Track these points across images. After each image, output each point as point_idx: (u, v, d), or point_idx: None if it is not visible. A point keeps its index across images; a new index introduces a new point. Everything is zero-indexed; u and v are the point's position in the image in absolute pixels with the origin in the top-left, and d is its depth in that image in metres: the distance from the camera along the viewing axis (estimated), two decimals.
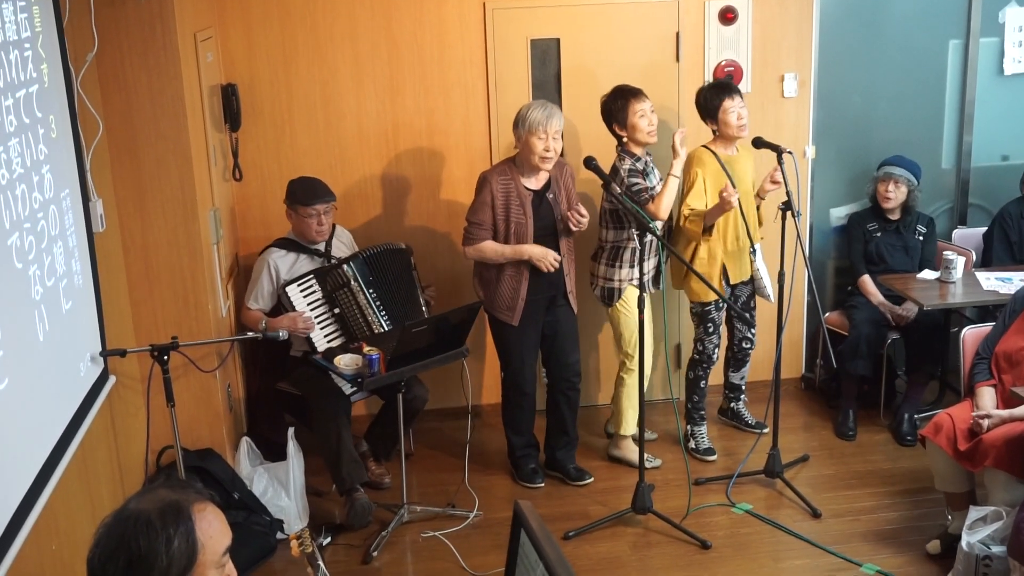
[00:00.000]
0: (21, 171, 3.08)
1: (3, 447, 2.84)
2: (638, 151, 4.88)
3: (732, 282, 5.11)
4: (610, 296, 4.98)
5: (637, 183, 4.79)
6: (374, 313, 4.80)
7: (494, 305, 4.79)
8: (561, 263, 4.77)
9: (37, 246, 3.19)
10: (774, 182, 4.86)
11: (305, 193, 4.78)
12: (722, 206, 4.67)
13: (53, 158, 3.40)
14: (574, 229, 4.72)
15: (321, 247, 4.87)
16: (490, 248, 4.68)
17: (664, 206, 4.75)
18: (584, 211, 4.69)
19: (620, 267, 4.93)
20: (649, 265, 4.96)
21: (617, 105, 4.83)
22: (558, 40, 5.42)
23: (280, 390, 4.96)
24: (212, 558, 1.88)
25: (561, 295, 4.85)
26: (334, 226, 4.95)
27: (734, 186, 4.88)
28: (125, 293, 4.31)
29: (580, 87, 5.45)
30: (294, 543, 2.62)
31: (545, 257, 4.66)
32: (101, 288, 3.88)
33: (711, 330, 5.17)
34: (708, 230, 4.90)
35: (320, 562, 2.56)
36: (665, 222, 4.95)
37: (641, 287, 4.47)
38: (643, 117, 4.80)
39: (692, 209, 4.89)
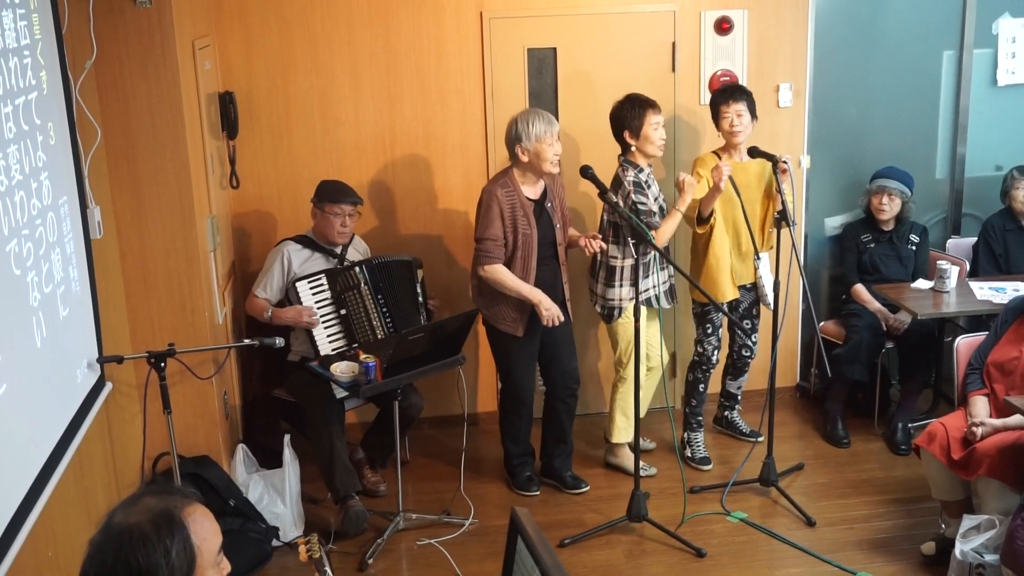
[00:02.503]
0: (20, 178, 3.09)
1: (0, 453, 2.84)
2: (641, 162, 4.88)
3: (736, 284, 5.14)
4: (610, 315, 4.97)
5: (643, 202, 4.79)
6: (379, 319, 4.84)
7: (498, 318, 4.79)
8: (560, 272, 4.81)
9: (35, 252, 3.20)
10: (783, 171, 4.70)
11: (334, 191, 4.83)
12: (715, 186, 4.72)
13: (51, 165, 3.41)
14: (589, 254, 4.78)
15: (337, 250, 4.89)
16: (509, 279, 4.65)
17: (664, 237, 4.78)
18: (598, 237, 4.76)
19: (621, 286, 4.90)
20: (661, 278, 4.98)
21: (633, 113, 4.80)
22: (555, 49, 5.44)
23: (276, 397, 4.97)
24: (209, 559, 1.88)
25: (560, 304, 4.86)
26: (352, 235, 4.98)
27: (738, 194, 4.91)
28: (122, 300, 4.32)
29: (577, 96, 5.47)
30: (302, 548, 2.62)
31: (551, 313, 4.66)
32: (98, 295, 3.88)
33: (710, 331, 5.18)
34: (703, 222, 4.93)
35: (327, 568, 2.56)
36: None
37: (648, 303, 4.45)
38: (656, 129, 4.80)
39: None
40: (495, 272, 4.67)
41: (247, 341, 4.46)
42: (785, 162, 4.65)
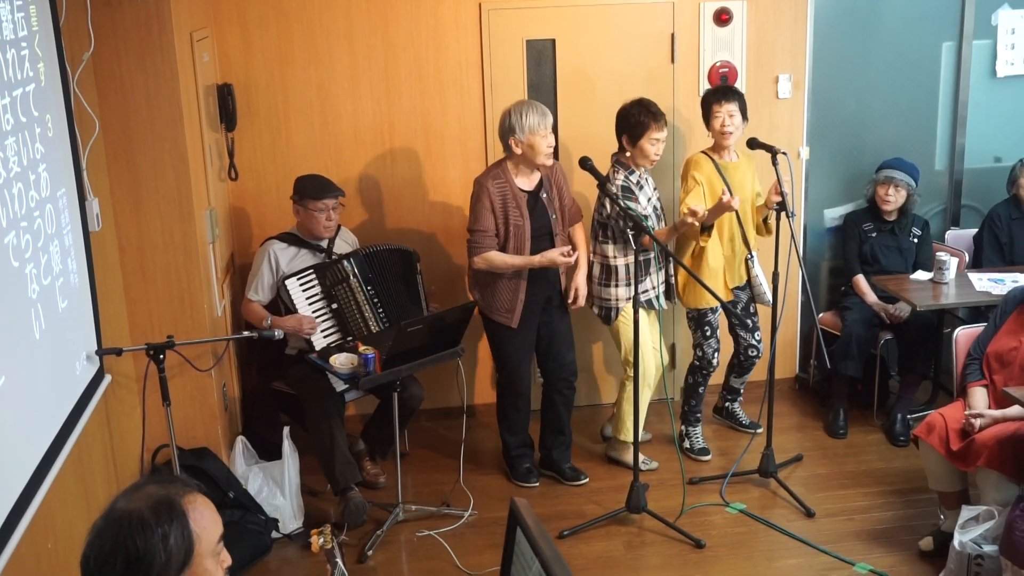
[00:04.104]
0: (18, 170, 3.09)
1: None
2: (634, 164, 4.86)
3: (731, 287, 5.12)
4: (607, 316, 4.96)
5: (630, 208, 4.68)
6: (371, 310, 4.83)
7: (492, 308, 4.79)
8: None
9: (33, 244, 3.20)
10: (778, 193, 4.66)
11: (316, 188, 4.80)
12: (720, 208, 4.65)
13: (49, 157, 3.41)
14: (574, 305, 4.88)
15: (324, 244, 4.88)
16: (500, 259, 4.66)
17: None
18: (582, 290, 4.86)
19: (616, 286, 4.90)
20: (658, 279, 4.96)
21: (637, 121, 4.75)
22: (553, 41, 5.43)
23: (275, 389, 4.97)
24: (208, 548, 1.88)
25: (556, 294, 4.86)
26: (339, 226, 4.97)
27: (731, 192, 4.90)
28: (121, 292, 4.32)
29: (576, 88, 5.46)
30: (315, 539, 2.61)
31: (554, 259, 4.62)
32: (97, 287, 3.87)
33: (709, 333, 5.17)
34: (707, 230, 4.86)
35: (339, 560, 2.55)
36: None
37: (646, 303, 4.43)
38: (653, 144, 4.76)
39: (691, 209, 4.88)
40: (487, 259, 4.67)
41: (246, 333, 4.46)
42: (784, 153, 4.64)
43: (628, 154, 4.83)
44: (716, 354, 5.21)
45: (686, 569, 4.32)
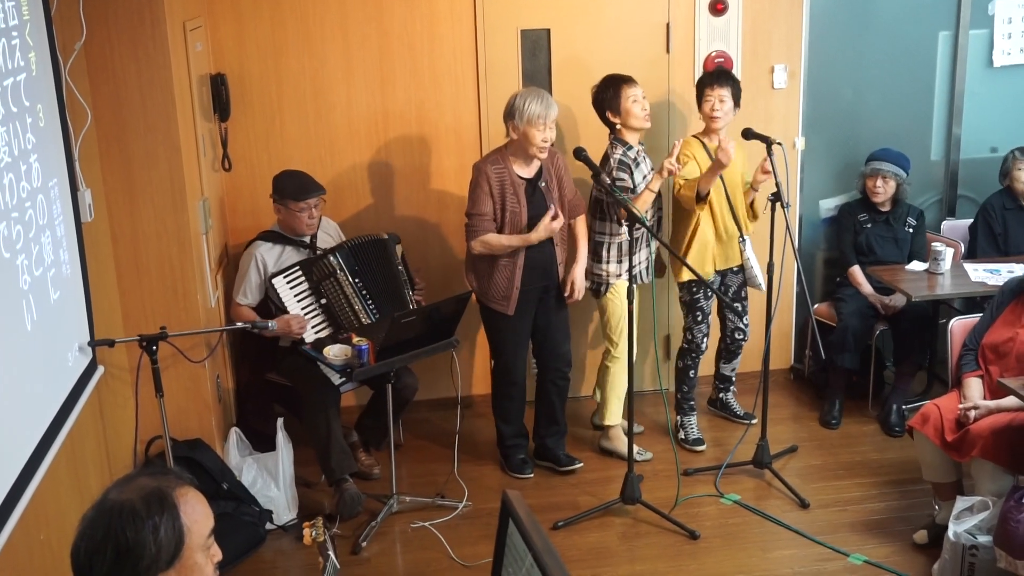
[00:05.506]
0: (8, 160, 3.07)
1: None
2: (631, 139, 4.88)
3: (719, 268, 5.13)
4: (597, 289, 5.03)
5: (622, 179, 4.80)
6: (361, 303, 4.80)
7: (488, 296, 4.79)
8: (555, 253, 4.80)
9: (25, 235, 3.18)
10: (765, 172, 4.82)
11: (296, 188, 4.75)
12: (714, 169, 4.70)
13: (41, 147, 3.39)
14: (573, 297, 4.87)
15: (307, 239, 4.86)
16: (497, 240, 4.66)
17: (639, 208, 4.74)
18: (578, 283, 4.85)
19: (607, 262, 4.96)
20: (641, 256, 4.98)
21: (609, 93, 4.84)
22: (548, 31, 5.41)
23: (269, 380, 4.95)
24: (198, 541, 1.88)
25: (553, 284, 4.86)
26: (320, 217, 4.95)
27: (721, 178, 4.91)
28: (113, 283, 4.30)
29: (571, 78, 5.44)
30: (307, 531, 2.60)
31: (551, 230, 4.64)
32: (89, 278, 3.86)
33: (699, 318, 5.18)
34: (703, 199, 4.84)
35: (331, 552, 2.54)
36: (656, 212, 5.00)
37: (631, 278, 4.47)
38: (636, 102, 4.82)
39: (686, 179, 4.88)
40: (484, 242, 4.67)
41: (240, 324, 4.45)
42: (779, 143, 4.63)
43: (620, 127, 4.85)
44: (705, 339, 5.22)
45: (680, 560, 4.32)
